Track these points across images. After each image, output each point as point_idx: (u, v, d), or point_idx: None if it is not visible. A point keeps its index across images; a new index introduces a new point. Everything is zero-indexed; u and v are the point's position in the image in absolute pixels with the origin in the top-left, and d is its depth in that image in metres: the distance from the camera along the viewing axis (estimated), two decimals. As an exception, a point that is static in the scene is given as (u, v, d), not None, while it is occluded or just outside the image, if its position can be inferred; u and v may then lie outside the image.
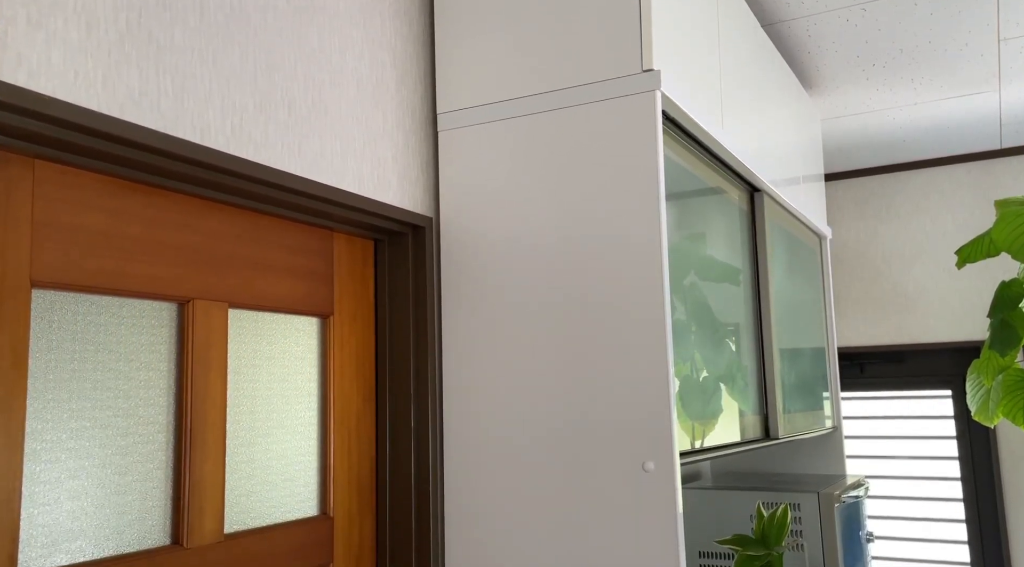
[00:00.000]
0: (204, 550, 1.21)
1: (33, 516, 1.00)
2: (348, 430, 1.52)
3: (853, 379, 3.41)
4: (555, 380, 1.47)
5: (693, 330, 1.66)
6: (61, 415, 1.05)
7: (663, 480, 1.36)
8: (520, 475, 1.48)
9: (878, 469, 3.32)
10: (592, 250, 1.46)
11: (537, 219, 1.52)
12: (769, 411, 2.08)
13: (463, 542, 1.51)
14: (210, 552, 1.22)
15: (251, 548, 1.29)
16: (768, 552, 1.63)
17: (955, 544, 3.18)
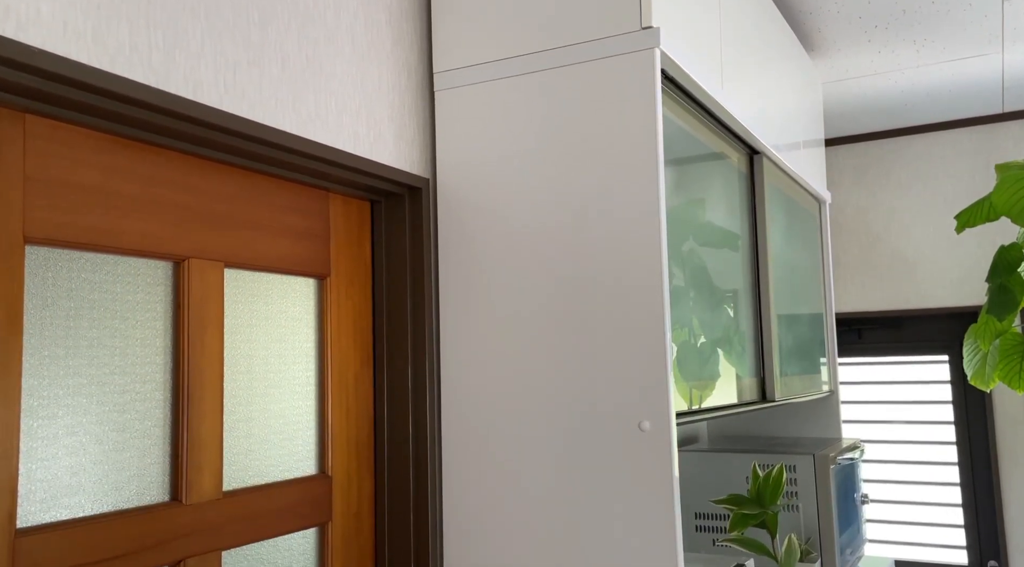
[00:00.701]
0: (203, 507, 1.22)
1: (31, 472, 1.01)
2: (346, 391, 1.53)
3: (850, 345, 3.42)
4: (552, 341, 1.47)
5: (691, 296, 1.66)
6: (57, 372, 1.05)
7: (659, 439, 1.37)
8: (517, 434, 1.48)
9: (874, 434, 3.35)
10: (590, 212, 1.45)
11: (534, 181, 1.51)
12: (766, 374, 2.08)
13: (461, 501, 1.53)
14: (209, 508, 1.23)
15: (250, 505, 1.30)
16: (763, 511, 1.65)
17: (949, 507, 3.21)
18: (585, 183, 1.46)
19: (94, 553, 1.05)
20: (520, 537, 1.46)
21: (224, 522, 1.25)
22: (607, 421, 1.41)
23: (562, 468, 1.44)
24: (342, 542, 1.48)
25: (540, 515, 1.45)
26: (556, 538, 1.43)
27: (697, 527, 2.23)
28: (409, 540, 1.52)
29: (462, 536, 1.51)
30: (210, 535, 1.23)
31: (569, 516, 1.42)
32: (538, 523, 1.45)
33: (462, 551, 1.51)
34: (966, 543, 3.15)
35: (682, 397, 1.54)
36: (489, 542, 1.49)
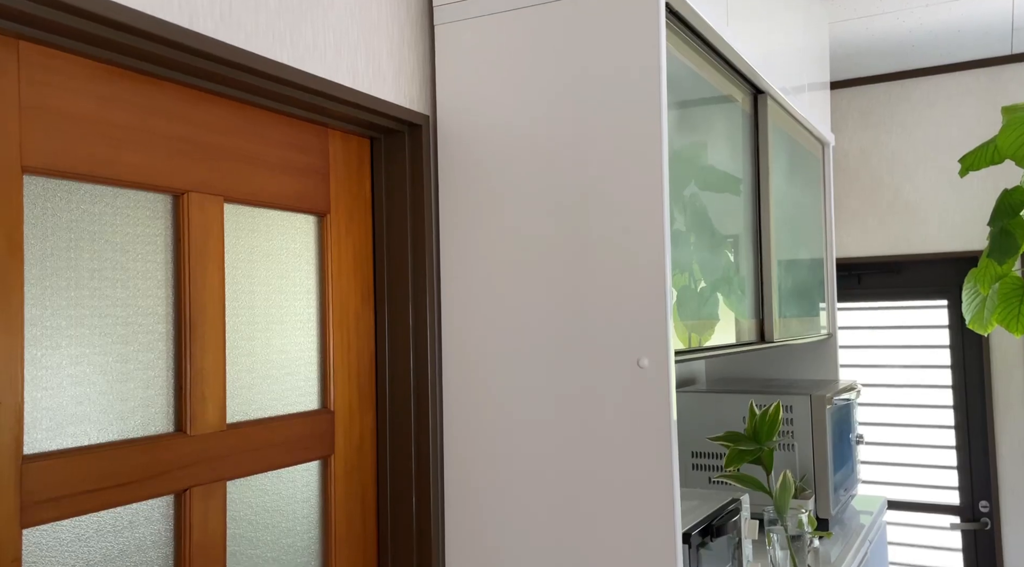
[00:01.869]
0: (207, 438, 1.24)
1: (37, 400, 1.02)
2: (347, 328, 1.53)
3: (850, 290, 3.42)
4: (552, 278, 1.47)
5: (692, 241, 1.66)
6: (59, 302, 1.06)
7: (657, 376, 1.38)
8: (517, 369, 1.50)
9: (871, 378, 3.38)
10: (591, 151, 1.44)
11: (535, 118, 1.49)
12: (765, 316, 2.09)
13: (461, 435, 1.55)
14: (213, 440, 1.25)
15: (254, 437, 1.32)
16: (759, 447, 1.67)
17: (943, 449, 3.26)
18: (586, 121, 1.45)
19: (101, 480, 1.07)
20: (519, 469, 1.48)
21: (228, 453, 1.27)
22: (606, 358, 1.42)
23: (561, 403, 1.45)
24: (344, 474, 1.50)
25: (539, 449, 1.47)
26: (554, 471, 1.45)
27: (694, 465, 2.27)
28: (411, 473, 1.55)
29: (462, 470, 1.54)
30: (215, 465, 1.25)
31: (567, 449, 1.44)
32: (536, 457, 1.47)
33: (462, 484, 1.54)
34: (958, 484, 3.21)
35: (680, 340, 1.55)
36: (489, 474, 1.51)
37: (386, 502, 1.57)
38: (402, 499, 1.55)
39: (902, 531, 3.31)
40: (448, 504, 1.55)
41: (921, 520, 3.29)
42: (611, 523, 1.40)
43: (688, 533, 1.45)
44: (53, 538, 1.02)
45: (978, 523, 3.15)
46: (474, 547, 1.51)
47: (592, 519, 1.41)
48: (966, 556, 3.19)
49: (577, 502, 1.43)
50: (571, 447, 1.44)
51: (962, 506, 3.20)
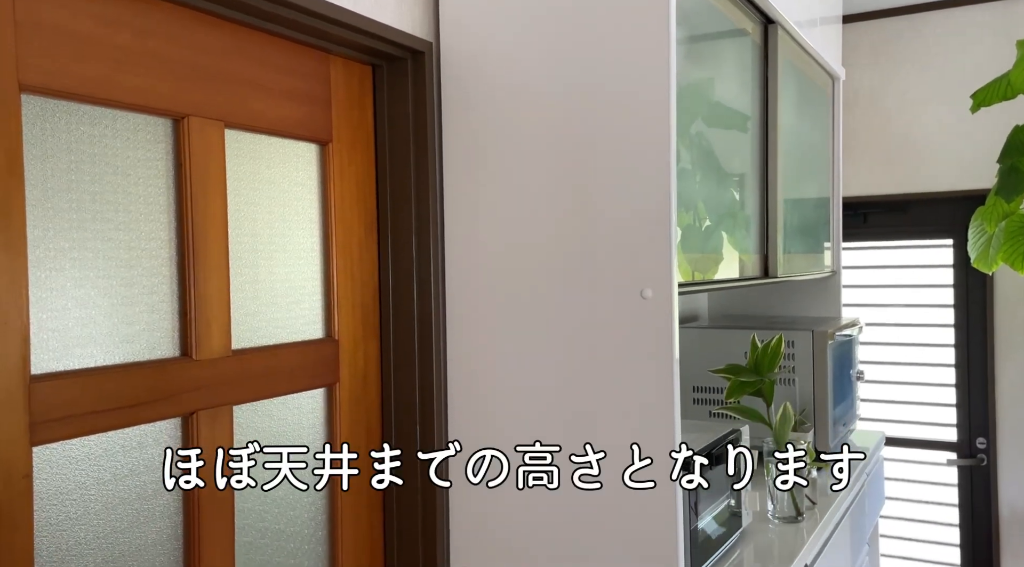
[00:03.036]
0: (213, 363, 1.25)
1: (43, 321, 1.03)
2: (350, 257, 1.53)
3: (856, 229, 3.40)
4: (557, 210, 1.46)
5: (697, 179, 1.64)
6: (61, 224, 1.05)
7: (660, 307, 1.38)
8: (521, 300, 1.50)
9: (874, 317, 3.38)
10: (600, 83, 1.42)
11: (541, 48, 1.46)
12: (769, 251, 2.08)
13: (465, 365, 1.56)
14: (219, 365, 1.26)
15: (259, 364, 1.33)
16: (760, 379, 1.68)
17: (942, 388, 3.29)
18: (594, 54, 1.41)
19: (108, 401, 1.09)
20: (522, 399, 1.50)
21: (234, 378, 1.29)
22: (610, 289, 1.42)
23: (564, 333, 1.46)
24: (349, 402, 1.52)
25: (542, 379, 1.48)
26: (557, 400, 1.47)
27: (695, 400, 2.29)
28: (415, 401, 1.56)
29: (466, 398, 1.56)
30: (221, 390, 1.26)
31: (570, 379, 1.45)
32: (539, 386, 1.48)
33: (466, 411, 1.56)
34: (956, 421, 3.24)
35: (684, 274, 1.55)
36: (493, 404, 1.53)
37: (391, 432, 1.59)
38: (407, 430, 1.57)
39: (899, 467, 3.36)
40: (452, 434, 1.57)
41: (918, 456, 3.34)
42: (614, 452, 1.41)
43: (688, 461, 1.47)
44: (63, 456, 1.04)
45: (974, 459, 3.20)
46: (478, 493, 1.54)
47: (595, 446, 1.43)
48: (961, 491, 3.24)
49: (580, 429, 1.44)
50: (574, 376, 1.45)
51: (959, 443, 3.24)
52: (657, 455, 1.38)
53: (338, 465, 1.35)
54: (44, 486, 1.02)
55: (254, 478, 1.27)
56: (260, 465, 1.31)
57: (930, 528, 3.32)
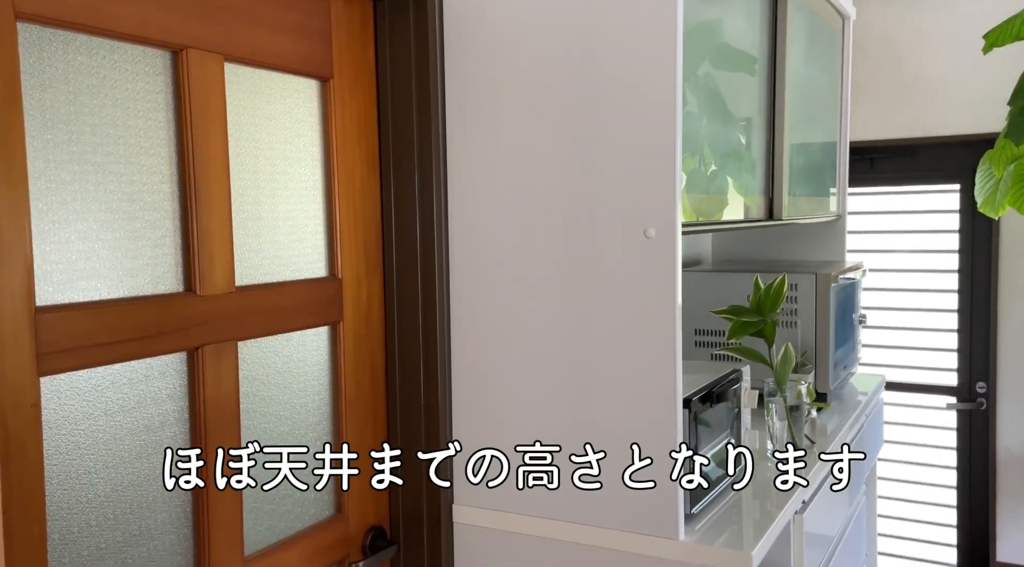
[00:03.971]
0: (217, 298, 1.26)
1: (46, 253, 1.03)
2: (353, 195, 1.53)
3: (862, 174, 3.38)
4: (559, 148, 1.45)
5: (704, 123, 1.62)
6: (61, 156, 1.05)
7: (664, 246, 1.38)
8: (524, 239, 1.50)
9: (878, 263, 3.38)
10: (605, 23, 1.39)
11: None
12: (774, 194, 2.07)
13: (467, 304, 1.56)
14: (223, 300, 1.26)
15: (263, 300, 1.34)
16: (762, 319, 1.69)
17: (944, 333, 3.30)
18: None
19: (113, 334, 1.10)
20: (525, 336, 1.51)
21: (239, 314, 1.29)
22: (614, 228, 1.41)
23: (567, 273, 1.46)
24: (353, 340, 1.53)
25: (544, 316, 1.49)
26: (560, 338, 1.47)
27: (697, 342, 2.30)
28: (418, 340, 1.57)
29: (468, 337, 1.57)
30: (225, 325, 1.27)
31: (572, 319, 1.46)
32: (542, 324, 1.49)
33: (469, 350, 1.57)
34: (957, 366, 3.26)
35: (688, 216, 1.54)
36: (495, 343, 1.54)
37: (394, 370, 1.60)
38: (410, 367, 1.58)
39: (899, 411, 3.39)
40: (455, 372, 1.58)
41: (918, 401, 3.37)
42: (615, 389, 1.43)
43: (689, 399, 1.48)
44: (70, 386, 1.06)
45: (974, 403, 3.22)
46: (480, 412, 1.56)
47: (597, 385, 1.45)
48: (960, 435, 3.28)
49: (582, 369, 1.46)
50: (576, 316, 1.46)
51: (959, 387, 3.26)
52: (659, 394, 1.39)
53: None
54: (52, 415, 1.04)
55: (254, 478, 1.30)
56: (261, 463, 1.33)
57: (928, 471, 3.37)
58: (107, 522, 1.10)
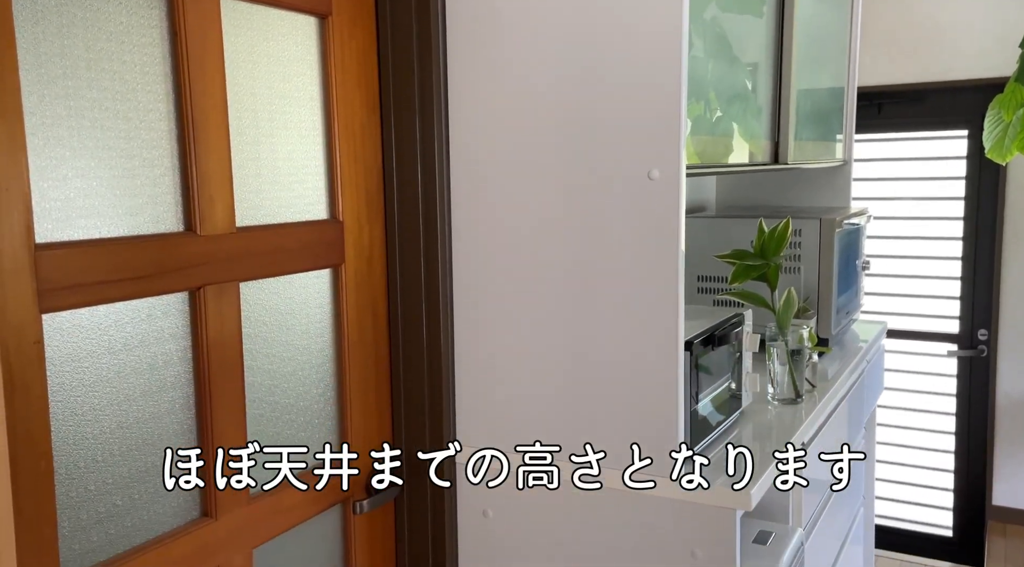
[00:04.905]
0: (218, 239, 1.25)
1: (44, 189, 1.02)
2: (353, 138, 1.51)
3: (870, 120, 3.33)
4: (562, 90, 1.42)
5: (709, 68, 1.59)
6: (56, 91, 1.03)
7: (667, 188, 1.37)
8: (526, 184, 1.48)
9: (883, 211, 3.36)
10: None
11: (547, -94, 1.39)
12: (780, 138, 2.05)
13: (469, 247, 1.56)
14: (224, 241, 1.26)
15: (264, 241, 1.33)
16: (766, 263, 1.68)
17: (948, 280, 3.29)
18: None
19: (114, 272, 1.09)
20: (527, 279, 1.50)
21: (240, 255, 1.29)
22: (617, 169, 1.40)
23: (569, 214, 1.45)
24: (355, 283, 1.53)
25: (547, 259, 1.48)
26: (560, 282, 1.47)
27: (699, 289, 2.30)
28: (420, 284, 1.57)
29: (470, 284, 1.56)
30: (227, 266, 1.27)
31: (574, 260, 1.45)
32: (544, 265, 1.48)
33: (471, 295, 1.57)
34: (959, 314, 3.26)
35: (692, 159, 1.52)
36: (497, 286, 1.54)
37: (396, 313, 1.60)
38: (412, 310, 1.59)
39: (899, 358, 3.41)
40: (457, 315, 1.58)
41: (919, 348, 3.38)
42: (617, 331, 1.43)
43: (690, 341, 1.48)
44: (72, 324, 1.06)
45: (975, 350, 3.23)
46: (482, 356, 1.56)
47: (599, 328, 1.45)
48: (960, 381, 3.30)
49: (584, 311, 1.46)
50: (579, 255, 1.45)
51: (961, 334, 3.27)
52: (661, 337, 1.39)
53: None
54: (56, 353, 1.04)
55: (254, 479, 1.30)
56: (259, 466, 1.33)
57: (927, 417, 3.40)
58: (113, 458, 1.12)
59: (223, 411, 1.27)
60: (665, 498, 1.41)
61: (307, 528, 1.47)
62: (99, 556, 1.11)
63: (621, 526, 1.45)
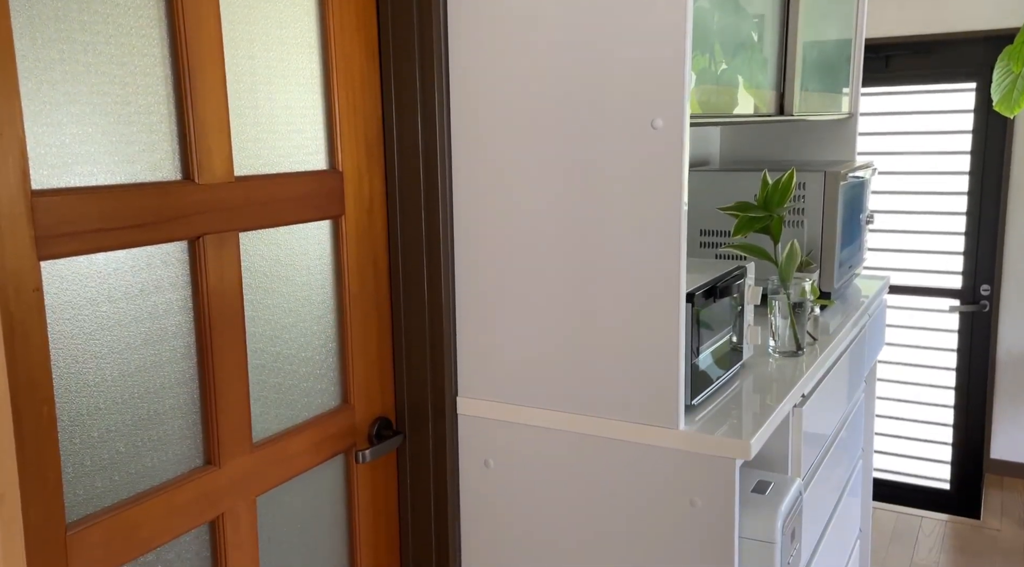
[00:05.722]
0: (216, 188, 1.24)
1: (39, 135, 1.01)
2: (352, 87, 1.49)
3: (876, 74, 3.29)
4: (565, 39, 1.40)
5: (715, 19, 1.55)
6: (47, 34, 1.01)
7: (670, 138, 1.35)
8: (528, 129, 1.47)
9: (889, 165, 3.33)
10: None
11: None
12: (786, 88, 2.02)
13: (470, 198, 1.55)
14: (222, 190, 1.25)
15: (263, 191, 1.32)
16: (769, 214, 1.67)
17: (952, 236, 3.28)
18: None
19: (112, 220, 1.08)
20: (527, 235, 1.49)
21: (239, 205, 1.28)
22: (620, 118, 1.38)
23: (571, 163, 1.43)
24: (355, 234, 1.52)
25: (547, 210, 1.47)
26: (561, 231, 1.46)
27: (702, 243, 2.29)
28: (421, 237, 1.56)
29: (471, 236, 1.55)
30: (226, 215, 1.26)
31: (575, 209, 1.44)
32: (546, 222, 1.47)
33: (472, 248, 1.56)
34: (963, 269, 3.25)
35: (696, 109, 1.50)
36: (498, 237, 1.53)
37: (398, 266, 1.60)
38: (413, 262, 1.58)
39: (901, 314, 3.41)
40: (459, 268, 1.58)
41: (921, 304, 3.38)
42: (618, 282, 1.42)
43: (692, 293, 1.48)
44: (71, 271, 1.05)
45: (977, 305, 3.23)
46: (483, 308, 1.56)
47: (600, 279, 1.44)
48: (961, 337, 3.30)
49: (586, 263, 1.45)
50: (580, 206, 1.44)
51: (963, 290, 3.26)
52: (662, 288, 1.39)
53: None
54: (55, 300, 1.04)
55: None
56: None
57: (927, 372, 3.41)
58: (116, 405, 1.12)
59: (224, 360, 1.27)
60: (665, 448, 1.42)
61: (310, 477, 1.48)
62: (104, 501, 1.12)
63: (621, 476, 1.47)
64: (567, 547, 1.55)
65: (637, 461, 1.45)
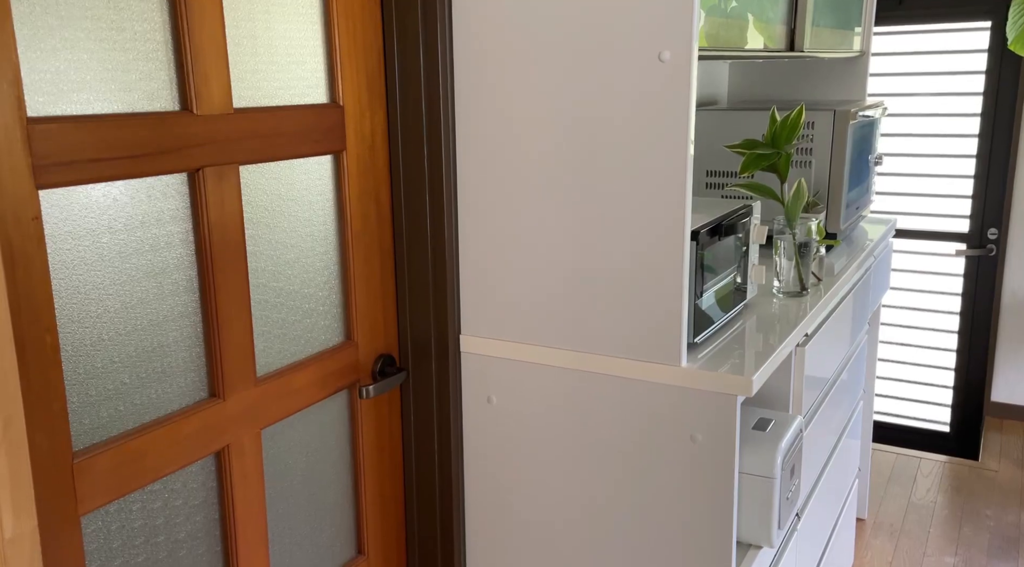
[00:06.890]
0: (215, 119, 1.22)
1: (32, 61, 0.99)
2: (353, 18, 1.45)
3: (889, 11, 3.21)
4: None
5: None
6: (40, -44, 0.98)
7: (678, 71, 1.32)
8: (531, 62, 1.44)
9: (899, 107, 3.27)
10: None
11: None
12: (797, 24, 1.97)
13: (474, 132, 1.52)
14: (221, 121, 1.23)
15: (263, 124, 1.30)
16: (776, 152, 1.64)
17: (961, 179, 3.24)
18: None
19: (110, 150, 1.07)
20: (530, 173, 1.48)
21: (239, 137, 1.26)
22: (626, 51, 1.35)
23: (576, 98, 1.41)
24: (357, 170, 1.50)
25: (552, 150, 1.45)
26: (566, 168, 1.44)
27: (707, 184, 2.27)
28: (423, 173, 1.55)
29: (474, 173, 1.53)
30: (225, 147, 1.24)
31: (581, 145, 1.42)
32: (550, 159, 1.45)
33: (475, 185, 1.54)
34: (970, 212, 3.22)
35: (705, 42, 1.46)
36: (500, 175, 1.51)
37: (400, 203, 1.58)
38: (415, 199, 1.57)
39: (907, 258, 3.39)
40: (462, 205, 1.56)
41: (927, 248, 3.36)
42: (622, 219, 1.41)
43: (697, 231, 1.47)
44: (70, 201, 1.04)
45: (983, 249, 3.21)
46: (486, 246, 1.55)
47: (605, 216, 1.43)
48: (967, 280, 3.29)
49: (590, 199, 1.43)
50: (585, 142, 1.42)
51: (970, 233, 3.24)
52: (667, 225, 1.37)
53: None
54: (55, 229, 1.03)
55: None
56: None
57: (931, 316, 3.41)
58: (119, 336, 1.12)
59: (227, 294, 1.27)
60: (667, 385, 1.42)
61: (315, 412, 1.49)
62: (109, 431, 1.13)
63: (622, 413, 1.48)
64: (568, 481, 1.57)
65: (639, 398, 1.46)
